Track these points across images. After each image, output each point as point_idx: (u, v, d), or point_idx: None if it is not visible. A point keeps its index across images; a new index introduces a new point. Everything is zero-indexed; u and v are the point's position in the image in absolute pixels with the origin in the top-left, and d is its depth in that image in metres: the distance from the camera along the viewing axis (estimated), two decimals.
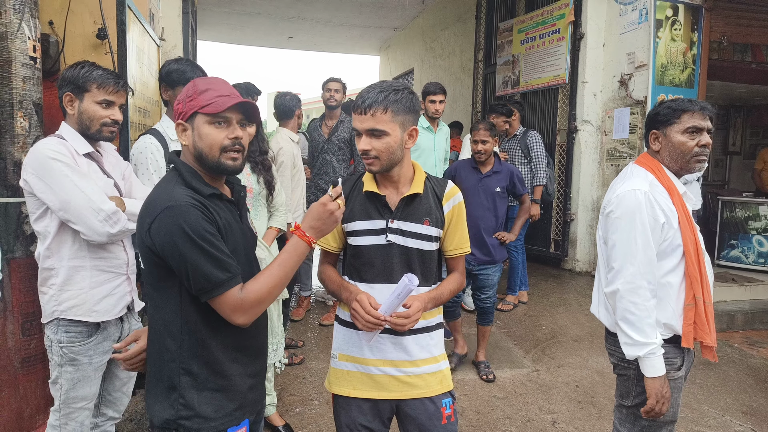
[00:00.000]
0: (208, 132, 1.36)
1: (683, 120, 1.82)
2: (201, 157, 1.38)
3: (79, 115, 1.95)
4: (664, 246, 1.80)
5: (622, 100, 5.52)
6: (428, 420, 1.68)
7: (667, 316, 1.81)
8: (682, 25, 5.21)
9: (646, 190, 1.79)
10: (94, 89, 1.94)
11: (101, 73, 1.96)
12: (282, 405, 3.11)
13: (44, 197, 1.82)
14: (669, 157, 1.87)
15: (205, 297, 1.30)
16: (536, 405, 3.33)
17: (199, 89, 1.37)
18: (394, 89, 1.58)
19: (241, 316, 1.31)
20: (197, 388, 1.35)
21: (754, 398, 3.52)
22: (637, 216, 1.77)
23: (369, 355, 1.69)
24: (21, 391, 2.42)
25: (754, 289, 5.32)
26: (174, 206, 1.27)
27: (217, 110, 1.35)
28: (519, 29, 6.70)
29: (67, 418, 1.93)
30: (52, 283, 1.90)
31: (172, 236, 1.25)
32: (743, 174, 8.64)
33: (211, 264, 1.27)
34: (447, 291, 1.73)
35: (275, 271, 1.36)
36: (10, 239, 2.35)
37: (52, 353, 1.92)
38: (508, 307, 4.96)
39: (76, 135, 1.94)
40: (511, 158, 4.95)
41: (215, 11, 10.02)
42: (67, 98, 1.93)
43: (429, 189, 1.71)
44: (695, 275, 1.79)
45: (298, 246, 1.39)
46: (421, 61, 11.15)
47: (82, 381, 1.93)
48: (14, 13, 2.27)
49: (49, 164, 1.80)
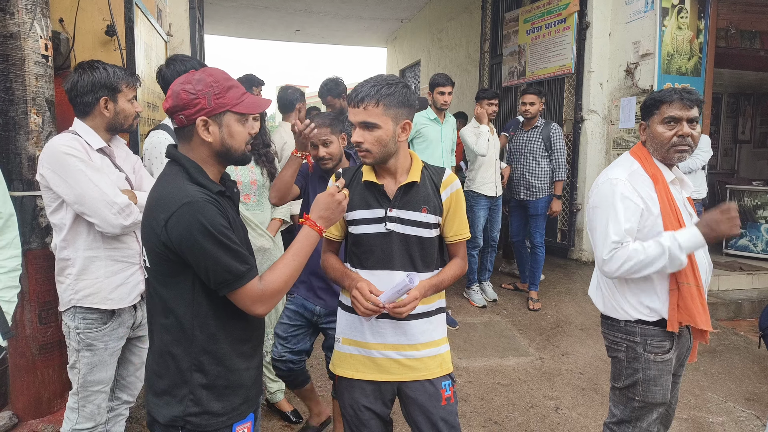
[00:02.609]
0: (239, 130, 1.40)
1: (662, 110, 1.86)
2: (227, 153, 1.40)
3: (115, 116, 2.03)
4: (645, 232, 1.84)
5: (628, 90, 5.50)
6: (428, 401, 1.75)
7: (651, 300, 1.86)
8: (689, 13, 5.17)
9: (623, 178, 1.84)
10: (124, 88, 2.03)
11: (125, 72, 2.06)
12: (289, 391, 3.19)
13: (60, 191, 1.90)
14: (652, 148, 1.92)
15: (226, 290, 1.32)
16: (540, 392, 3.39)
17: (223, 85, 1.37)
18: (387, 83, 1.62)
19: (260, 306, 1.35)
20: (207, 385, 1.37)
21: (758, 385, 3.54)
22: (611, 202, 1.83)
23: (370, 339, 1.76)
24: (39, 376, 2.52)
25: (762, 278, 5.31)
26: (192, 202, 1.28)
27: (254, 111, 1.41)
28: (525, 19, 6.68)
29: (85, 401, 2.02)
30: (69, 273, 1.97)
31: (191, 231, 1.26)
32: (753, 162, 8.57)
33: (231, 257, 1.29)
34: (448, 277, 1.79)
35: (290, 261, 1.41)
36: (26, 231, 2.44)
37: (69, 339, 2.01)
38: (538, 306, 4.82)
39: (89, 131, 2.00)
40: (531, 150, 4.77)
41: (222, 5, 10.06)
42: (104, 102, 1.99)
43: (427, 177, 1.77)
44: None
45: (310, 235, 1.45)
46: (427, 52, 11.13)
47: (99, 365, 2.01)
48: (26, 12, 2.34)
49: (64, 159, 1.88)
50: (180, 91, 1.34)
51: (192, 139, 1.38)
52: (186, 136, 1.39)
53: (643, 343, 1.87)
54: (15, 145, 2.42)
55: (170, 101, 1.36)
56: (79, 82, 1.96)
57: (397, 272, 1.71)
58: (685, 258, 1.76)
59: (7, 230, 1.69)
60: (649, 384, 1.87)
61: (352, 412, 1.79)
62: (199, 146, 1.39)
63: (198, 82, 1.35)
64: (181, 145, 1.42)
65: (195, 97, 1.33)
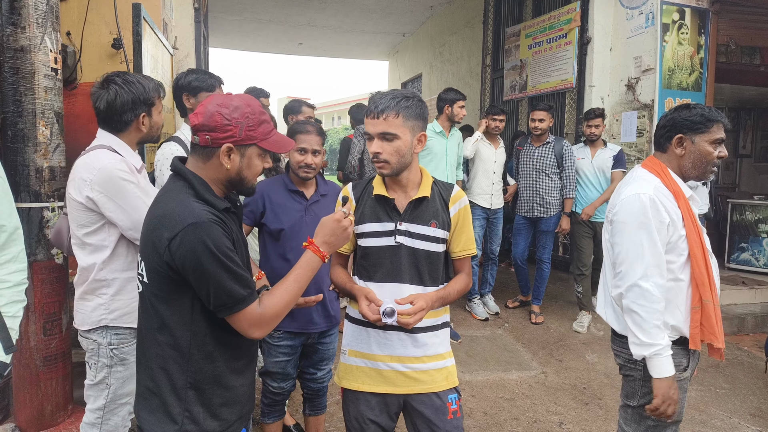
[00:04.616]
0: (257, 164, 1.41)
1: (713, 130, 1.82)
2: (240, 182, 1.40)
3: (149, 129, 2.00)
4: (669, 248, 1.81)
5: (629, 104, 5.54)
6: (434, 414, 1.75)
7: (675, 317, 1.82)
8: (689, 29, 5.23)
9: (651, 194, 1.80)
10: (156, 101, 2.01)
11: (155, 83, 2.02)
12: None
13: (114, 216, 1.87)
14: (690, 164, 1.86)
15: (225, 313, 1.30)
16: (543, 406, 3.37)
17: (258, 118, 1.37)
18: (405, 96, 1.67)
19: (257, 330, 1.34)
20: (203, 402, 1.35)
21: (763, 401, 3.52)
22: (642, 219, 1.78)
23: (377, 351, 1.76)
24: (42, 388, 2.51)
25: (765, 292, 5.29)
26: (198, 223, 1.26)
27: (279, 151, 1.42)
28: (526, 34, 6.74)
29: (111, 414, 2.01)
30: (103, 293, 1.95)
31: (195, 253, 1.24)
32: (754, 176, 8.59)
33: (233, 280, 1.28)
34: (454, 291, 1.79)
35: (291, 286, 1.40)
36: (32, 243, 2.45)
37: (99, 356, 1.98)
38: (541, 320, 4.83)
39: (127, 148, 1.96)
40: (542, 166, 4.71)
41: (227, 19, 10.17)
42: (144, 119, 1.96)
43: (436, 193, 1.79)
44: (702, 278, 1.80)
45: (312, 261, 1.44)
46: (429, 66, 11.22)
47: (131, 378, 2.00)
48: (37, 27, 2.37)
49: (121, 186, 1.85)
50: (215, 112, 1.33)
51: (210, 159, 1.37)
52: (204, 155, 1.37)
53: None
54: (23, 156, 2.44)
55: (201, 119, 1.33)
56: (117, 99, 1.89)
57: (405, 285, 1.72)
58: (645, 350, 1.75)
59: (12, 244, 1.62)
60: None
61: (357, 425, 1.79)
62: (214, 169, 1.37)
63: (235, 110, 1.34)
64: (194, 162, 1.40)
65: (228, 123, 1.33)
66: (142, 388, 1.40)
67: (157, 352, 1.35)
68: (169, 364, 1.34)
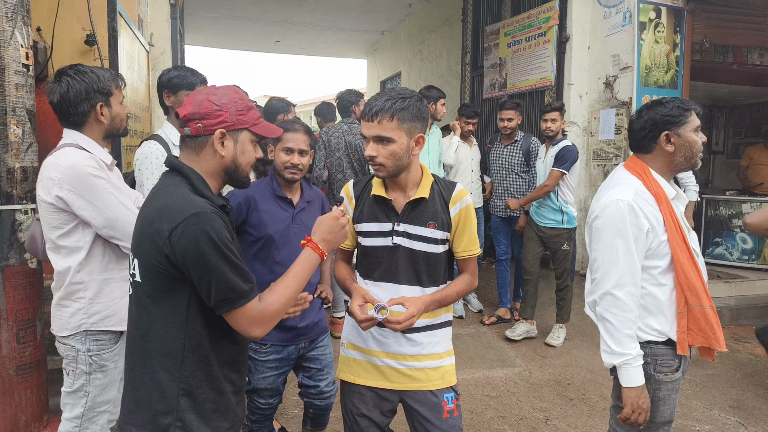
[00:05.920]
0: (251, 150, 1.42)
1: (692, 119, 1.80)
2: (235, 170, 1.40)
3: (112, 121, 1.94)
4: (651, 254, 1.78)
5: (607, 102, 5.61)
6: (430, 412, 1.74)
7: (660, 322, 1.80)
8: (665, 27, 5.31)
9: (629, 199, 1.75)
10: (115, 90, 1.94)
11: (111, 73, 1.96)
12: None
13: (86, 215, 1.80)
14: (683, 157, 1.82)
15: (226, 309, 1.27)
16: (529, 403, 3.38)
17: (246, 104, 1.38)
18: (402, 97, 1.61)
19: (258, 328, 1.30)
20: (196, 410, 1.31)
21: (741, 392, 3.59)
22: (619, 226, 1.74)
23: (373, 347, 1.76)
24: (16, 398, 2.41)
25: (739, 286, 5.42)
26: (200, 213, 1.24)
27: (269, 135, 1.42)
28: (505, 32, 6.77)
29: (89, 423, 1.94)
30: (81, 297, 1.87)
31: (198, 243, 1.21)
32: (727, 173, 8.78)
33: (236, 274, 1.25)
34: (453, 292, 1.77)
35: (290, 283, 1.38)
36: (3, 247, 2.35)
37: (77, 363, 1.90)
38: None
39: (93, 144, 1.91)
40: (511, 165, 4.69)
41: (202, 16, 9.99)
42: (100, 108, 1.89)
43: (436, 192, 1.75)
44: (686, 282, 1.76)
45: (311, 258, 1.43)
46: (408, 64, 11.20)
47: (110, 385, 1.95)
48: (7, 21, 2.27)
49: (91, 182, 1.78)
50: (204, 100, 1.34)
51: (203, 150, 1.36)
52: (196, 146, 1.36)
53: (653, 364, 1.81)
54: None
55: (190, 108, 1.34)
56: (69, 90, 1.83)
57: (402, 286, 1.71)
58: (615, 359, 1.75)
59: None
60: (659, 404, 1.82)
61: (351, 417, 1.81)
62: (209, 158, 1.37)
63: (224, 95, 1.36)
64: (187, 155, 1.38)
65: (218, 109, 1.34)
66: (129, 401, 1.34)
67: (144, 359, 1.31)
68: (158, 372, 1.29)
